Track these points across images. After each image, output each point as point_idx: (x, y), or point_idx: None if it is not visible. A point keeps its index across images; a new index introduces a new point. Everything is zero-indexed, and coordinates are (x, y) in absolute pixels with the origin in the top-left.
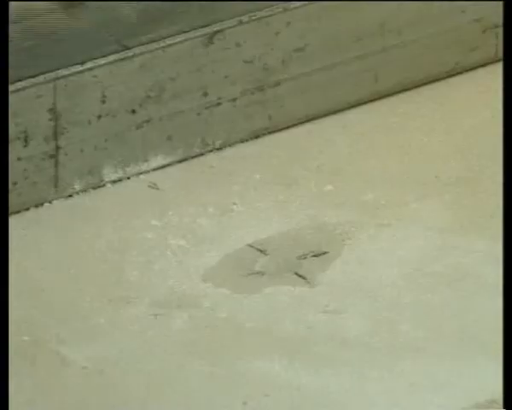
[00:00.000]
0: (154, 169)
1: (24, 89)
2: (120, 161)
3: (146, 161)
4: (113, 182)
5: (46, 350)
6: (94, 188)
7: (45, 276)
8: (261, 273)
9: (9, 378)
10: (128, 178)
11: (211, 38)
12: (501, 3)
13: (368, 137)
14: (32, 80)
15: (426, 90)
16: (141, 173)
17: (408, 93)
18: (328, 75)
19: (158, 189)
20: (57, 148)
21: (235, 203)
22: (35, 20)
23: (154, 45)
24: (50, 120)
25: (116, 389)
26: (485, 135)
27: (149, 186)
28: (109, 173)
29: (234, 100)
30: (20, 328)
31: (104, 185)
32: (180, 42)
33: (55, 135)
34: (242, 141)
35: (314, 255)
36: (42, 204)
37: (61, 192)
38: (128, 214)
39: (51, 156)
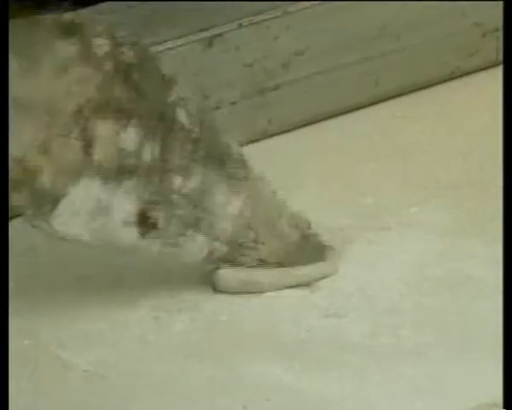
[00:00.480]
0: None
1: None
2: None
3: None
4: None
5: (47, 354)
6: None
7: (46, 280)
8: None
9: (10, 382)
10: None
11: (210, 42)
12: (501, 7)
13: (368, 141)
14: None
15: (426, 94)
16: None
17: (408, 97)
18: (329, 79)
19: None
20: None
21: None
22: None
23: (154, 49)
24: None
25: (117, 392)
26: (485, 138)
27: None
28: None
29: (233, 103)
30: (20, 331)
31: None
32: (179, 45)
33: None
34: (242, 144)
35: None
36: None
37: None
38: None
39: None
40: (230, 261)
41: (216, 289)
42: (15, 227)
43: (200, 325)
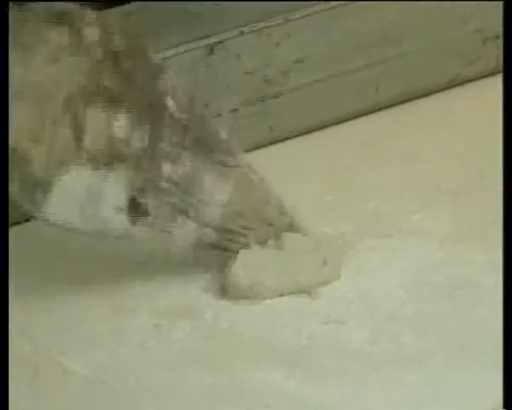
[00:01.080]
0: None
1: None
2: None
3: None
4: None
5: (47, 360)
6: None
7: (46, 286)
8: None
9: (10, 387)
10: None
11: (211, 49)
12: (502, 14)
13: (369, 148)
14: None
15: (426, 101)
16: None
17: (409, 104)
18: (329, 86)
19: None
20: None
21: None
22: None
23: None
24: None
25: (117, 398)
26: (485, 145)
27: None
28: None
29: (235, 111)
30: (20, 337)
31: None
32: (181, 53)
33: None
34: (243, 152)
35: None
36: None
37: None
38: None
39: None
40: (219, 247)
41: (226, 292)
42: (15, 233)
43: (200, 332)
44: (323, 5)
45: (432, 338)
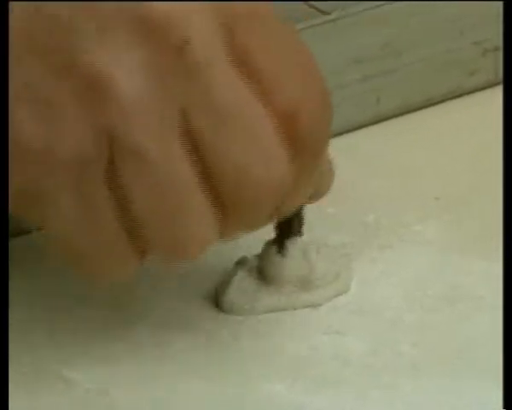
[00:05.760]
0: None
1: None
2: None
3: None
4: None
5: (48, 371)
6: None
7: (47, 298)
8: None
9: (10, 400)
10: None
11: None
12: (501, 26)
13: (369, 159)
14: None
15: (426, 113)
16: None
17: (409, 116)
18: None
19: None
20: None
21: None
22: None
23: None
24: None
25: (120, 409)
26: (485, 157)
27: None
28: None
29: None
30: (21, 349)
31: None
32: None
33: None
34: None
35: None
36: None
37: None
38: None
39: None
40: None
41: (223, 311)
42: (15, 244)
43: (201, 343)
44: (323, 17)
45: (432, 348)
